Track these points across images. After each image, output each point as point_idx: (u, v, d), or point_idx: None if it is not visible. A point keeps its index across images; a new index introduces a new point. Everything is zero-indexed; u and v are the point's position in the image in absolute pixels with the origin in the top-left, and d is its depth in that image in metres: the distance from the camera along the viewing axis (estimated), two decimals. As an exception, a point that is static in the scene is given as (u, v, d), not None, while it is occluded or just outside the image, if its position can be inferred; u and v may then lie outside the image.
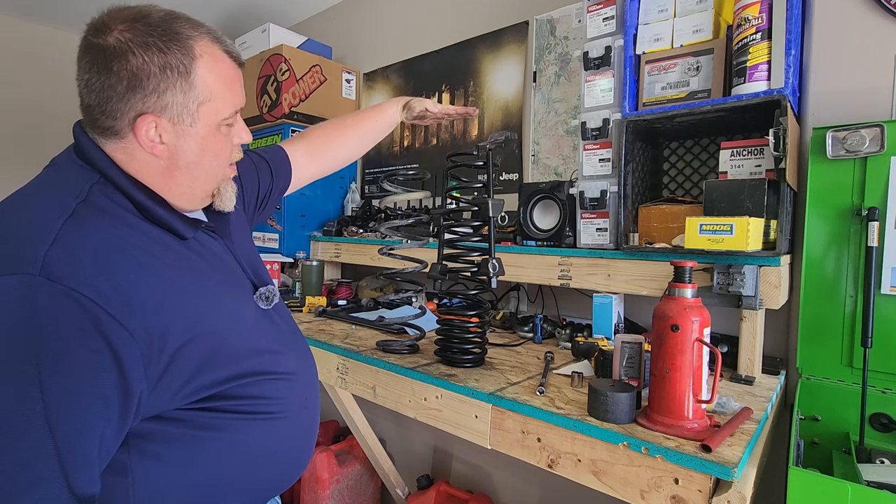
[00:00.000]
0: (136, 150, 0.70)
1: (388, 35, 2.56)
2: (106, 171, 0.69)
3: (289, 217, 2.38)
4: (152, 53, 0.66)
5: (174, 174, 0.73)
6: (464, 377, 1.18)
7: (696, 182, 1.50)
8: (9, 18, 3.04)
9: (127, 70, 0.65)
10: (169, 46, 0.67)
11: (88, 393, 0.57)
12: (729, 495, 0.78)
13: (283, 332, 0.86)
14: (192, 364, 0.67)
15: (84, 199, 0.65)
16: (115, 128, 0.68)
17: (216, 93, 0.72)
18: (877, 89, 1.20)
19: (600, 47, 1.40)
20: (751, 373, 1.19)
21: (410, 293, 1.37)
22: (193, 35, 0.70)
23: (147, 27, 0.67)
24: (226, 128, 0.76)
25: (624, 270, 1.33)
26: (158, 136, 0.69)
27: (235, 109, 0.76)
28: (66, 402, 0.55)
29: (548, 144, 1.90)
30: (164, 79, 0.67)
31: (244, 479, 0.77)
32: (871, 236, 1.11)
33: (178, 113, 0.69)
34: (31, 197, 0.67)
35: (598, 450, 0.92)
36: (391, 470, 2.08)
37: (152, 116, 0.68)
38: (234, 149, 0.80)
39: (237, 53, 0.77)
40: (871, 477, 0.95)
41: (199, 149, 0.73)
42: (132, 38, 0.66)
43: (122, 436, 0.62)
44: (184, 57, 0.68)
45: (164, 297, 0.65)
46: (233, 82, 0.75)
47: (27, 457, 0.53)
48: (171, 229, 0.72)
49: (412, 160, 2.45)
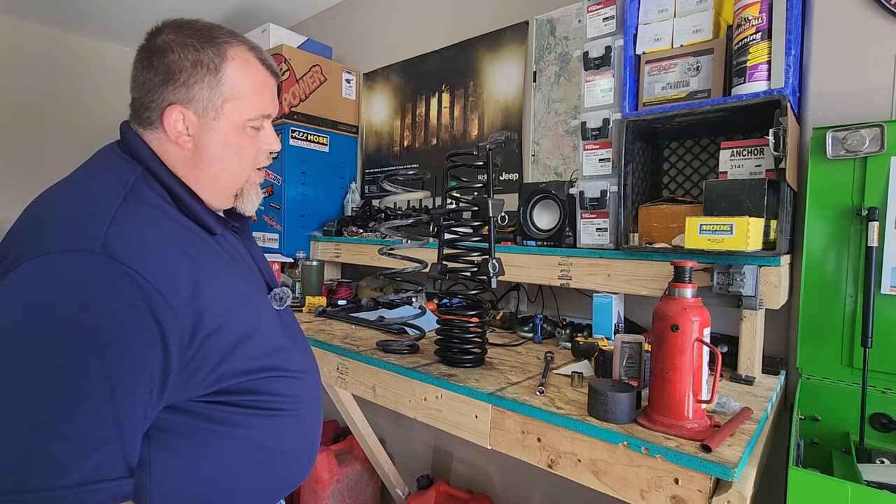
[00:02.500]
0: (166, 141, 0.76)
1: (388, 35, 2.56)
2: (149, 164, 0.74)
3: (289, 217, 2.38)
4: (188, 52, 0.73)
5: (198, 167, 0.77)
6: (464, 377, 1.18)
7: (696, 182, 1.50)
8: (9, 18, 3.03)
9: (164, 65, 0.73)
10: (204, 47, 0.75)
11: (141, 366, 0.61)
12: (729, 495, 0.78)
13: (293, 333, 0.89)
14: (219, 352, 0.70)
15: (131, 189, 0.70)
16: (150, 118, 0.75)
17: (242, 93, 0.77)
18: (877, 89, 1.20)
19: (600, 47, 1.40)
20: (751, 373, 1.19)
21: (410, 293, 1.37)
22: (230, 41, 0.77)
23: (190, 31, 0.75)
24: (251, 130, 0.80)
25: (624, 270, 1.33)
26: (185, 127, 0.75)
27: (262, 114, 0.80)
28: (123, 373, 0.59)
29: (548, 144, 1.90)
30: (195, 73, 0.74)
31: (254, 476, 0.78)
32: (871, 236, 1.11)
33: (204, 107, 0.75)
34: (83, 184, 0.71)
35: (598, 450, 0.92)
36: (391, 470, 2.08)
37: (180, 107, 0.74)
38: (261, 153, 0.84)
39: (271, 64, 0.82)
40: (871, 477, 0.95)
41: (221, 143, 0.77)
42: (175, 38, 0.74)
43: (153, 416, 0.65)
44: (215, 56, 0.75)
45: (201, 284, 0.68)
46: (262, 88, 0.80)
47: (91, 419, 0.57)
48: (202, 224, 0.76)
49: (412, 160, 2.45)
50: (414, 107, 2.43)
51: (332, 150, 2.55)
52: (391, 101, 2.54)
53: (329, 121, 2.54)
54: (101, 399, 0.57)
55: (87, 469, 0.56)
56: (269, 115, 0.82)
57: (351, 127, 2.65)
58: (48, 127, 3.22)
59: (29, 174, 3.12)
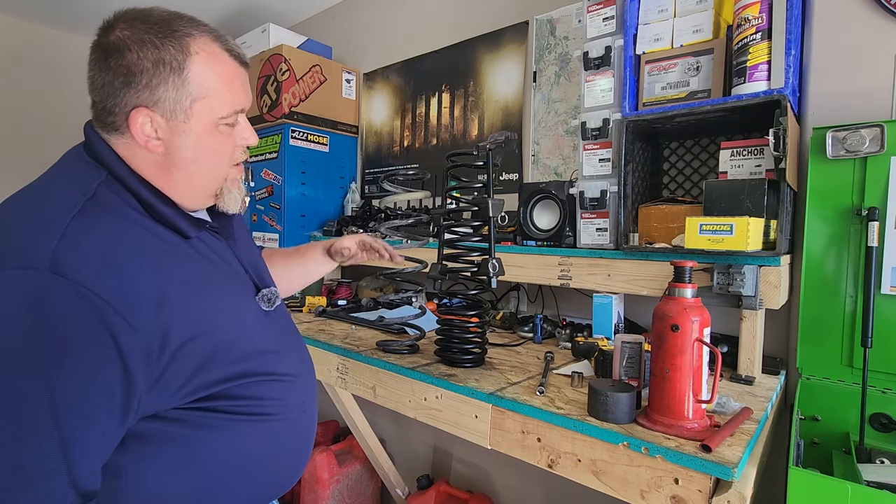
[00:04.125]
0: (134, 145, 0.71)
1: (388, 35, 2.56)
2: (112, 168, 0.69)
3: (289, 217, 2.38)
4: (147, 49, 0.67)
5: (171, 171, 0.72)
6: (464, 377, 1.18)
7: (696, 182, 1.50)
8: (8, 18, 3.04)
9: (122, 66, 0.67)
10: (164, 43, 0.68)
11: (94, 387, 0.58)
12: (729, 495, 0.78)
13: (284, 334, 0.86)
14: (192, 363, 0.67)
15: (91, 196, 0.65)
16: (116, 123, 0.69)
17: (212, 90, 0.72)
18: (877, 89, 1.20)
19: (600, 47, 1.40)
20: (751, 373, 1.19)
21: (410, 293, 1.37)
22: (192, 33, 0.70)
23: (145, 25, 0.68)
24: (225, 127, 0.75)
25: (624, 270, 1.33)
26: (154, 131, 0.70)
27: (235, 109, 0.75)
28: (72, 395, 0.56)
29: (548, 144, 1.90)
30: (157, 74, 0.68)
31: (240, 481, 0.76)
32: (871, 236, 1.11)
33: (171, 109, 0.69)
34: (40, 193, 0.67)
35: (598, 450, 0.92)
36: (391, 470, 2.08)
37: (146, 111, 0.68)
38: (237, 150, 0.79)
39: (239, 53, 0.76)
40: (871, 477, 0.95)
41: (194, 146, 0.72)
42: (130, 34, 0.67)
43: (121, 433, 0.63)
44: (178, 53, 0.69)
45: (168, 295, 0.65)
46: (232, 81, 0.74)
47: (32, 449, 0.54)
48: (175, 228, 0.72)
49: (412, 160, 2.45)
50: (414, 107, 2.43)
51: (332, 150, 2.55)
52: (391, 101, 2.54)
53: (329, 121, 2.54)
54: (44, 426, 0.55)
55: (28, 500, 0.53)
56: (243, 110, 0.77)
57: (351, 127, 2.65)
58: (46, 127, 3.22)
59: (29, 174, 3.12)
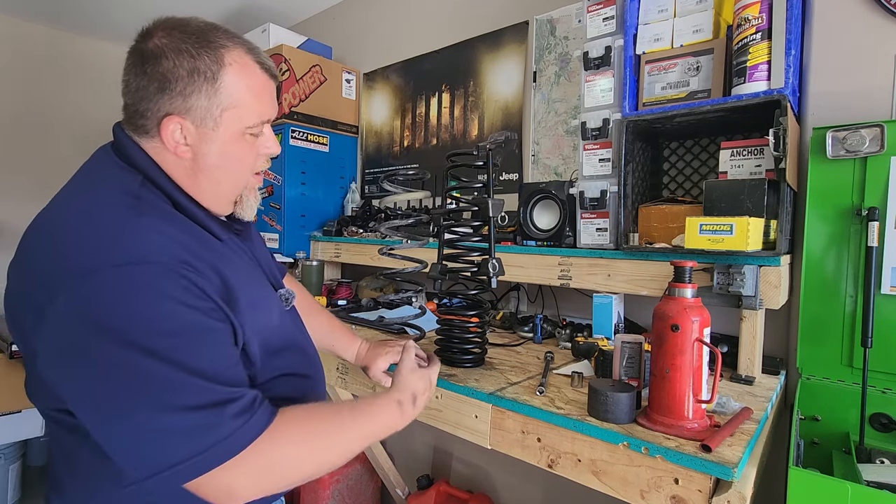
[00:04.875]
0: (163, 149, 0.74)
1: (388, 35, 2.56)
2: (147, 171, 0.72)
3: (289, 217, 2.38)
4: (183, 58, 0.70)
5: (198, 176, 0.76)
6: (464, 377, 1.18)
7: (696, 182, 1.50)
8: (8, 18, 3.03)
9: (158, 72, 0.70)
10: (200, 53, 0.71)
11: (220, 333, 0.67)
12: (729, 495, 0.78)
13: (302, 333, 0.90)
14: (252, 340, 0.73)
15: (140, 197, 0.69)
16: (147, 126, 0.73)
17: (242, 101, 0.74)
18: (877, 89, 1.20)
19: (600, 47, 1.40)
20: (751, 373, 1.19)
21: (410, 293, 1.37)
22: (227, 45, 0.73)
23: (183, 34, 0.71)
24: (251, 136, 0.78)
25: (624, 270, 1.33)
26: (183, 137, 0.73)
27: (262, 120, 0.78)
28: (202, 341, 0.64)
29: (548, 144, 1.90)
30: (191, 82, 0.70)
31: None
32: (871, 236, 1.11)
33: (202, 116, 0.72)
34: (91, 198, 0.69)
35: (598, 450, 0.92)
36: (391, 470, 2.08)
37: (177, 118, 0.71)
38: (260, 158, 0.82)
39: (270, 66, 0.79)
40: (871, 477, 0.95)
41: (220, 153, 0.75)
42: (168, 43, 0.70)
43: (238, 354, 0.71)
44: (212, 63, 0.72)
45: (226, 278, 0.71)
46: (262, 93, 0.77)
47: (195, 393, 0.61)
48: (207, 229, 0.76)
49: (412, 160, 2.45)
50: (414, 107, 2.43)
51: (332, 150, 2.55)
52: (391, 101, 2.54)
53: (329, 121, 2.54)
54: (194, 380, 0.61)
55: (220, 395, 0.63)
56: (269, 120, 0.80)
57: (351, 127, 2.65)
58: (48, 127, 3.22)
59: (29, 174, 3.12)
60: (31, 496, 2.49)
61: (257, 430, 0.64)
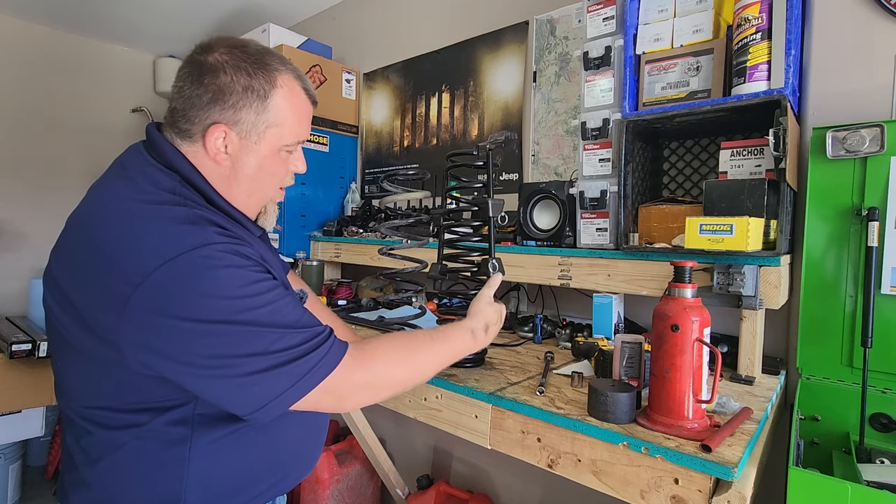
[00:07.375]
0: (203, 156, 0.79)
1: (388, 35, 2.56)
2: (187, 175, 0.77)
3: (289, 217, 2.38)
4: (241, 75, 0.77)
5: (232, 184, 0.81)
6: (464, 377, 1.18)
7: (696, 182, 1.50)
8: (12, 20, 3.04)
9: (215, 84, 0.76)
10: (256, 73, 0.78)
11: (282, 294, 0.73)
12: (729, 495, 0.78)
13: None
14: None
15: (181, 194, 0.75)
16: (191, 131, 0.78)
17: (285, 120, 0.81)
18: (877, 89, 1.20)
19: (600, 47, 1.40)
20: (751, 373, 1.19)
21: (410, 293, 1.37)
22: (280, 69, 0.81)
23: (243, 54, 0.78)
24: (285, 153, 0.85)
25: (624, 270, 1.33)
26: (224, 146, 0.78)
27: (298, 140, 0.85)
28: (280, 301, 0.72)
29: (548, 144, 1.90)
30: (244, 97, 0.77)
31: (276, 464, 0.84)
32: (871, 236, 1.11)
33: (248, 130, 0.79)
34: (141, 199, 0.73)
35: (598, 450, 0.92)
36: (391, 470, 2.08)
37: (224, 127, 0.77)
38: (288, 174, 0.89)
39: (313, 93, 0.87)
40: (871, 477, 0.95)
41: (257, 165, 0.81)
42: (229, 60, 0.77)
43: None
44: (266, 84, 0.79)
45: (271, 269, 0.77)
46: (303, 117, 0.85)
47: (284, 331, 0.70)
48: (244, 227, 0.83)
49: (412, 160, 2.45)
50: (414, 107, 2.43)
51: (332, 150, 2.55)
52: (391, 101, 2.54)
53: (329, 121, 2.54)
54: (282, 330, 0.70)
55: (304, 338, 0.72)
56: (303, 141, 0.87)
57: (351, 127, 2.65)
58: (48, 127, 3.22)
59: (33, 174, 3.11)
60: (31, 496, 2.49)
61: (343, 349, 0.74)
